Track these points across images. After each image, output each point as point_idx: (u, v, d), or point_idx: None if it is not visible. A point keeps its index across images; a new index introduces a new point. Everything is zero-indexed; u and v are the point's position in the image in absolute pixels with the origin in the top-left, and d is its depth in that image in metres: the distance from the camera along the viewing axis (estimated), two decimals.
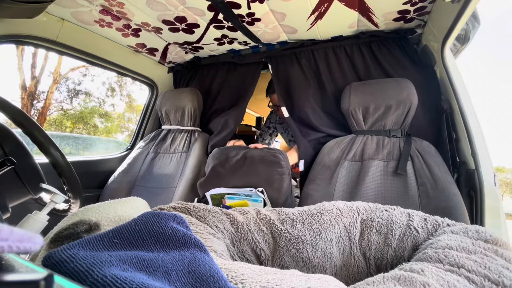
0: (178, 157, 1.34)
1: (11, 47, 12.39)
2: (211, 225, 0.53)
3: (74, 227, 0.31)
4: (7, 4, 0.74)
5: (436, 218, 0.48)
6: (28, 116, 0.62)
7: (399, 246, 0.44)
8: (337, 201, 0.58)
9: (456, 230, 0.42)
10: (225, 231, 0.53)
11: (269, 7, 0.98)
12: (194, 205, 0.57)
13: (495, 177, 0.85)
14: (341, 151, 1.07)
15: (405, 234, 0.45)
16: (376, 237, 0.47)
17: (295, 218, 0.53)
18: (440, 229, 0.45)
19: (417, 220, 0.47)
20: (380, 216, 0.50)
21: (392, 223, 0.47)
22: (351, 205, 0.55)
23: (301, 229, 0.51)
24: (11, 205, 0.63)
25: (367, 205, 0.55)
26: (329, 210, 0.53)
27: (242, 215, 0.58)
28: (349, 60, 1.22)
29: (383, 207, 0.53)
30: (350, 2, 0.93)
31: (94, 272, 0.20)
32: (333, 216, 0.51)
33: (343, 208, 0.54)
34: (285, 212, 0.57)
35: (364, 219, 0.51)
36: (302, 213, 0.54)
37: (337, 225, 0.50)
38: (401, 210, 0.51)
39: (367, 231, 0.49)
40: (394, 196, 0.91)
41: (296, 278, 0.28)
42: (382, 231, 0.47)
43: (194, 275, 0.25)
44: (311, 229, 0.50)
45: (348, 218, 0.51)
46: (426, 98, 1.05)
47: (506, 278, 0.28)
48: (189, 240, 0.28)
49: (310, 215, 0.53)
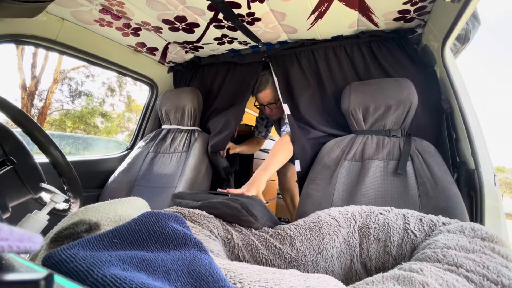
0: (178, 157, 1.34)
1: (11, 47, 12.40)
2: (205, 229, 0.53)
3: (74, 227, 0.31)
4: (7, 3, 0.74)
5: (431, 218, 0.48)
6: (28, 116, 0.62)
7: (399, 253, 0.44)
8: (331, 209, 0.57)
9: (452, 229, 0.42)
10: (219, 237, 0.53)
11: (269, 7, 0.98)
12: (189, 210, 0.57)
13: (495, 177, 0.85)
14: (341, 151, 1.07)
15: (404, 239, 0.45)
16: (375, 246, 0.47)
17: (292, 235, 0.52)
18: (436, 228, 0.45)
19: (413, 222, 0.47)
20: (376, 221, 0.49)
21: (389, 228, 0.47)
22: (345, 212, 0.54)
23: (300, 247, 0.49)
24: (11, 204, 0.63)
25: (361, 210, 0.54)
26: (326, 222, 0.52)
27: (238, 232, 0.57)
28: (349, 60, 1.22)
29: (377, 210, 0.53)
30: (350, 2, 0.93)
31: (94, 271, 0.20)
32: (332, 229, 0.51)
33: (339, 217, 0.53)
34: (282, 228, 0.56)
35: (360, 226, 0.50)
36: (299, 228, 0.53)
37: (336, 239, 0.49)
38: (396, 212, 0.50)
39: (365, 239, 0.48)
40: (394, 196, 0.91)
41: (295, 278, 0.28)
42: (380, 238, 0.47)
43: (194, 274, 0.25)
44: (311, 246, 0.49)
45: (346, 228, 0.50)
46: (426, 98, 1.05)
47: (504, 277, 0.28)
48: (189, 240, 0.28)
49: (307, 229, 0.52)
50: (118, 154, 1.52)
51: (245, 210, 0.63)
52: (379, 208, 0.53)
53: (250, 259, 0.52)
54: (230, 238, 0.55)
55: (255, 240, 0.54)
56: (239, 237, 0.55)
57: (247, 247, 0.54)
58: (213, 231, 0.53)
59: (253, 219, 0.63)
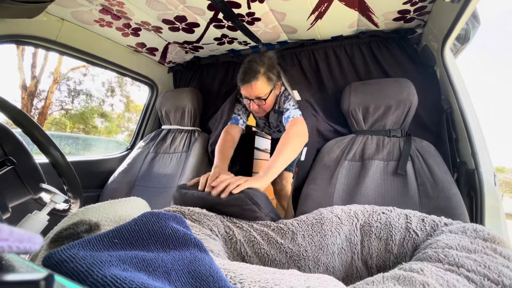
0: (178, 157, 1.34)
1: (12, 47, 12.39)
2: (206, 228, 0.53)
3: (74, 227, 0.31)
4: (7, 4, 0.74)
5: (434, 218, 0.48)
6: (28, 116, 0.62)
7: (400, 252, 0.44)
8: (334, 207, 0.57)
9: (454, 229, 0.42)
10: (219, 235, 0.53)
11: (269, 7, 0.98)
12: (189, 209, 0.57)
13: (495, 177, 0.85)
14: (341, 151, 1.07)
15: (405, 238, 0.45)
16: (376, 244, 0.47)
17: (294, 230, 0.52)
18: (438, 229, 0.45)
19: (415, 221, 0.47)
20: (378, 220, 0.49)
21: (391, 227, 0.47)
22: (348, 210, 0.54)
23: (302, 243, 0.50)
24: (11, 205, 0.63)
25: (363, 209, 0.54)
26: (329, 219, 0.52)
27: (239, 228, 0.57)
28: (349, 60, 1.22)
29: (379, 209, 0.53)
30: (350, 2, 0.93)
31: (94, 272, 0.20)
32: (334, 226, 0.51)
33: (341, 215, 0.53)
34: (284, 223, 0.56)
35: (362, 225, 0.50)
36: (302, 224, 0.53)
37: (338, 236, 0.49)
38: (398, 212, 0.50)
39: (367, 237, 0.48)
40: (394, 196, 0.91)
41: (295, 278, 0.28)
42: (382, 236, 0.47)
43: (194, 274, 0.25)
44: (313, 242, 0.49)
45: (347, 226, 0.51)
46: (426, 98, 1.05)
47: (505, 277, 0.28)
48: (189, 240, 0.28)
49: (310, 225, 0.52)
50: (118, 154, 1.52)
51: (249, 199, 0.64)
52: (382, 207, 0.53)
53: (253, 254, 0.53)
54: (232, 235, 0.55)
55: (257, 236, 0.54)
56: (240, 233, 0.55)
57: (249, 243, 0.54)
58: (213, 229, 0.53)
59: (257, 208, 0.64)
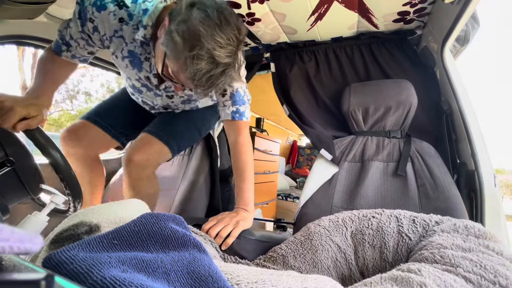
0: (180, 160, 1.34)
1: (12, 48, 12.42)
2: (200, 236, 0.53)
3: (74, 228, 0.31)
4: (8, 5, 0.74)
5: (424, 217, 0.47)
6: None
7: (395, 259, 0.44)
8: (321, 219, 0.56)
9: (445, 228, 0.42)
10: (214, 243, 0.53)
11: (269, 8, 0.98)
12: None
13: (495, 178, 0.85)
14: (341, 152, 1.07)
15: (399, 244, 0.44)
16: (371, 253, 0.46)
17: (284, 253, 0.51)
18: (429, 228, 0.44)
19: (406, 224, 0.46)
20: (370, 226, 0.48)
21: (383, 233, 0.46)
22: (336, 219, 0.53)
23: (294, 264, 0.48)
24: (11, 205, 0.63)
25: (352, 215, 0.53)
26: (317, 233, 0.51)
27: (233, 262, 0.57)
28: (349, 61, 1.22)
29: (369, 213, 0.52)
30: (350, 4, 0.93)
31: (94, 273, 0.20)
32: (323, 239, 0.49)
33: (329, 226, 0.52)
34: (273, 250, 0.55)
35: (354, 232, 0.49)
36: (290, 245, 0.52)
37: (330, 248, 0.48)
38: (388, 214, 0.50)
39: (360, 247, 0.47)
40: (394, 197, 0.91)
41: (293, 279, 0.28)
42: (376, 244, 0.46)
43: (193, 275, 0.25)
44: (305, 261, 0.48)
45: (338, 236, 0.49)
46: (426, 99, 1.05)
47: (502, 277, 0.28)
48: (188, 241, 0.28)
49: (299, 244, 0.51)
50: (119, 155, 1.52)
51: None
52: (370, 211, 0.52)
53: None
54: (227, 258, 0.55)
55: (251, 264, 0.54)
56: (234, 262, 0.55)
57: None
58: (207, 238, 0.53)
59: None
